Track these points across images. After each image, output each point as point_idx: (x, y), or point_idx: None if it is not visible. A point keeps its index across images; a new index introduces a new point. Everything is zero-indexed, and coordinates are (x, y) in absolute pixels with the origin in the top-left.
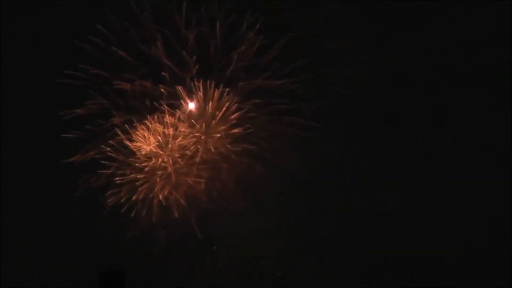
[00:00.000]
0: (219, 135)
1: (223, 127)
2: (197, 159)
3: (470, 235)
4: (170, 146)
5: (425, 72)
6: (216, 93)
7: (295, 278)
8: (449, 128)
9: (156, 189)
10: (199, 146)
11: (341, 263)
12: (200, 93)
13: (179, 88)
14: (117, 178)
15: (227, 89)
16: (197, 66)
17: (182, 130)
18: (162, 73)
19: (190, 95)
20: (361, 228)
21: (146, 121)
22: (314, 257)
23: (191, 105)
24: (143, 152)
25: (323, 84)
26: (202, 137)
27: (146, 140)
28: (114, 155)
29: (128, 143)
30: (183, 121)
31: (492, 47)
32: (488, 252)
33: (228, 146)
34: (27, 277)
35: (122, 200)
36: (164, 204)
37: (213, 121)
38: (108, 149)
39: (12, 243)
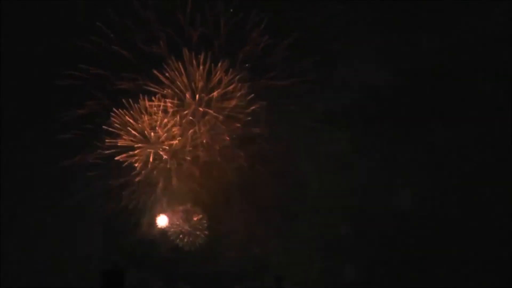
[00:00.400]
0: (227, 138)
1: (227, 128)
2: (200, 161)
3: (470, 235)
4: (173, 146)
5: (431, 71)
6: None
7: (300, 280)
8: (457, 128)
9: (158, 191)
10: (202, 148)
11: (348, 264)
12: (204, 94)
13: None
14: (116, 182)
15: (234, 85)
16: (201, 67)
17: (180, 131)
18: (166, 73)
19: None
20: (369, 229)
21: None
22: (320, 258)
23: None
24: (145, 154)
25: (330, 84)
26: (204, 141)
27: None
28: (115, 157)
29: (128, 143)
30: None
31: (492, 47)
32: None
33: (233, 147)
34: (27, 277)
35: (122, 205)
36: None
37: (220, 118)
38: (112, 150)
39: (12, 243)
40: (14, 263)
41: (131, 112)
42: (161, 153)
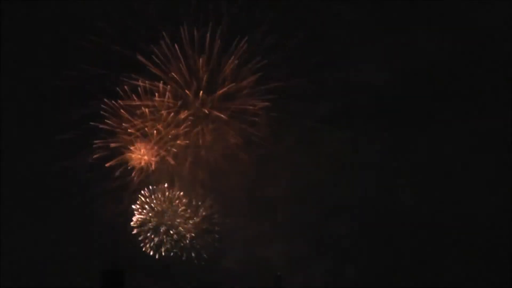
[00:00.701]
0: (230, 139)
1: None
2: (203, 161)
3: (470, 235)
4: (175, 146)
5: (431, 71)
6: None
7: (301, 280)
8: (457, 127)
9: (159, 193)
10: (203, 149)
11: (348, 264)
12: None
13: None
14: (116, 182)
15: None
16: (204, 67)
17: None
18: (170, 74)
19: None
20: (369, 229)
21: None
22: (322, 258)
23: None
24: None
25: (330, 84)
26: (207, 141)
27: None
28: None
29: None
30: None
31: (492, 47)
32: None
33: (235, 148)
34: (27, 277)
35: (122, 205)
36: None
37: (223, 118)
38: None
39: (12, 243)
40: (14, 263)
41: (130, 107)
42: (163, 153)
